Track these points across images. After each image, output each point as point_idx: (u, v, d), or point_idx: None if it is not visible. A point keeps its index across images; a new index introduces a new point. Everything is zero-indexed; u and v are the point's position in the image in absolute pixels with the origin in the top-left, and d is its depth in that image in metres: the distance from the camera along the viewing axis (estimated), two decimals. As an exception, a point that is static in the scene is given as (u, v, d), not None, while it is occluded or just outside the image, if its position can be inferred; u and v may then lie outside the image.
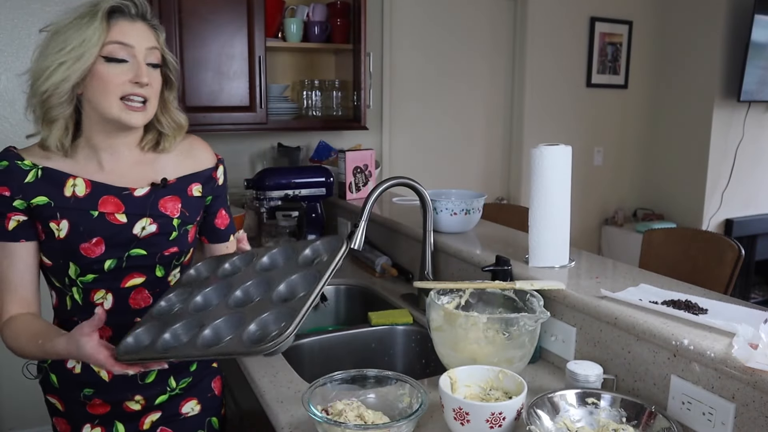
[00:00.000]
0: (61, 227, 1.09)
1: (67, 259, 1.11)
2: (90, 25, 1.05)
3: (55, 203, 1.10)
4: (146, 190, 1.16)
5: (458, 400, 0.99)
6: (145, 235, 1.15)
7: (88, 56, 1.05)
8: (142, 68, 1.08)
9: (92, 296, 1.15)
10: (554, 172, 1.39)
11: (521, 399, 0.99)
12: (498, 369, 1.09)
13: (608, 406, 1.03)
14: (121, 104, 1.08)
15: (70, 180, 1.11)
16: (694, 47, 3.66)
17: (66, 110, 1.08)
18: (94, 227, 1.11)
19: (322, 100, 2.71)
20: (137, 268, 1.16)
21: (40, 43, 1.10)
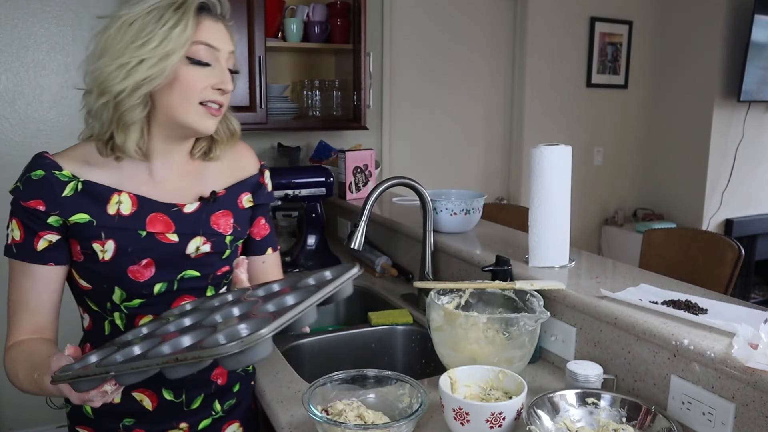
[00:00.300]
0: (106, 248, 0.98)
1: (111, 283, 1.00)
2: (179, 19, 0.93)
3: (97, 222, 0.98)
4: (196, 206, 1.06)
5: (458, 400, 0.99)
6: (198, 255, 1.05)
7: (175, 55, 0.93)
8: (226, 74, 0.99)
9: (137, 322, 1.04)
10: (554, 172, 1.39)
11: (521, 399, 0.99)
12: (498, 369, 1.09)
13: (608, 406, 1.03)
14: (200, 109, 0.98)
15: (114, 196, 0.99)
16: (694, 47, 3.66)
17: (142, 113, 0.96)
18: (143, 248, 1.00)
19: (322, 100, 2.71)
20: (189, 291, 1.07)
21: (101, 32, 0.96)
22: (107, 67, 0.92)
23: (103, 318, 1.05)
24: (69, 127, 2.49)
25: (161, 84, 0.94)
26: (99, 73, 0.93)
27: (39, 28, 2.40)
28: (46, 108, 2.45)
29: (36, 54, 2.41)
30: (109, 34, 0.94)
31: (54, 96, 2.46)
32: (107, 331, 1.05)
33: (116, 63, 0.92)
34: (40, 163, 0.98)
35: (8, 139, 2.41)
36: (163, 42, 0.92)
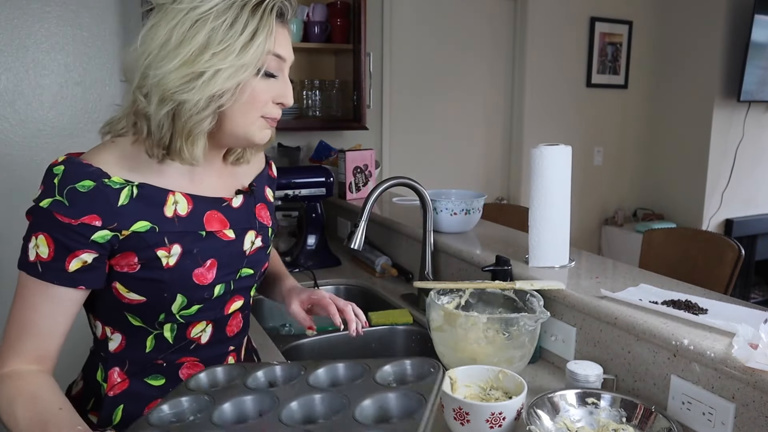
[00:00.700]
0: (172, 253, 0.90)
1: (174, 291, 0.91)
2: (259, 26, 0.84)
3: (160, 227, 0.89)
4: (241, 199, 1.01)
5: (458, 400, 0.99)
6: (253, 251, 1.02)
7: (250, 70, 0.85)
8: (289, 87, 0.92)
9: (189, 331, 0.97)
10: (554, 172, 1.39)
11: (521, 399, 0.99)
12: (498, 369, 1.09)
13: (608, 406, 1.03)
14: (260, 122, 0.91)
15: (170, 197, 0.91)
16: (694, 47, 3.66)
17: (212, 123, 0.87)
18: (206, 248, 0.94)
19: (322, 100, 2.71)
20: (240, 291, 1.02)
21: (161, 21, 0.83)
22: (174, 74, 0.81)
23: (147, 334, 0.95)
24: (69, 127, 2.49)
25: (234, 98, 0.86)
26: (163, 78, 0.81)
27: (39, 28, 2.40)
28: (46, 108, 2.45)
29: (36, 54, 2.41)
30: (170, 29, 0.82)
31: (54, 96, 2.46)
32: (149, 348, 0.96)
33: (187, 71, 0.81)
34: (82, 171, 0.85)
35: (8, 139, 2.41)
36: (243, 51, 0.83)
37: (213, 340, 1.01)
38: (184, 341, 0.98)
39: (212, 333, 1.00)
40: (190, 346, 0.98)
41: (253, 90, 0.87)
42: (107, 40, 2.51)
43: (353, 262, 2.18)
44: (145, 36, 0.84)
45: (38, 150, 2.45)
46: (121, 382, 0.96)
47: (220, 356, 1.03)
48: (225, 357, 1.04)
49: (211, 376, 0.87)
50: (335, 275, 2.05)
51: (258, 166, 1.12)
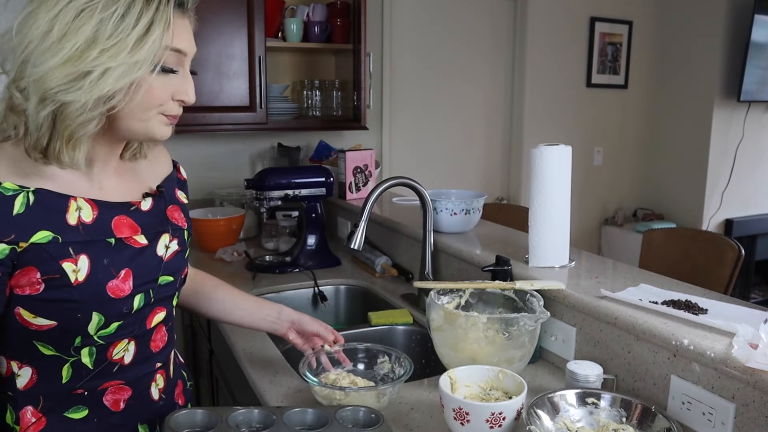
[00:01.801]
0: (79, 266, 0.80)
1: (89, 310, 0.82)
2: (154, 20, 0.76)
3: (63, 238, 0.80)
4: (150, 202, 0.93)
5: (458, 400, 0.99)
6: (170, 256, 0.94)
7: (145, 67, 0.76)
8: (191, 84, 0.85)
9: (111, 352, 0.88)
10: (554, 172, 1.39)
11: (521, 399, 0.99)
12: (498, 369, 1.09)
13: (608, 406, 1.03)
14: (160, 119, 0.84)
15: (71, 203, 0.82)
16: (694, 47, 3.66)
17: (98, 126, 0.78)
18: (118, 258, 0.85)
19: (322, 100, 2.71)
20: (161, 301, 0.94)
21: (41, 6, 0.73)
22: (56, 72, 0.72)
23: (62, 362, 0.85)
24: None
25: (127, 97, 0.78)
26: (44, 76, 0.72)
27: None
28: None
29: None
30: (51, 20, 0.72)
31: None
32: (66, 378, 0.86)
33: (71, 70, 0.72)
34: None
35: (8, 139, 2.41)
36: (136, 47, 0.74)
37: (137, 359, 0.92)
38: (105, 363, 0.88)
39: (136, 351, 0.91)
40: (113, 369, 0.89)
41: (149, 87, 0.79)
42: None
43: (353, 262, 2.18)
44: (22, 23, 0.74)
45: (38, 150, 2.45)
46: (36, 422, 0.85)
47: (147, 376, 0.94)
48: (152, 376, 0.96)
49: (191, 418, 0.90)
50: (335, 275, 2.05)
51: (165, 169, 1.03)
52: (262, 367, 1.33)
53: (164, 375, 0.99)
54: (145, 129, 0.83)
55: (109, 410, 0.90)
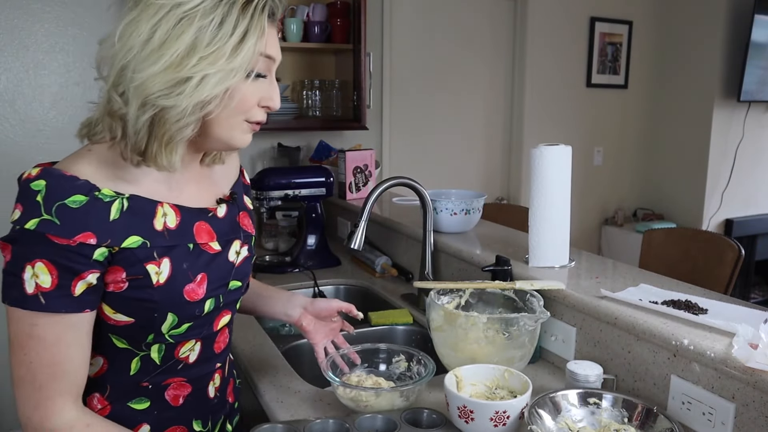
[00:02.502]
0: (161, 269, 0.84)
1: (165, 310, 0.86)
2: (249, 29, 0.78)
3: (151, 243, 0.84)
4: (225, 208, 0.96)
5: (463, 398, 0.99)
6: (240, 261, 0.97)
7: (240, 74, 0.79)
8: (277, 90, 0.86)
9: (178, 351, 0.92)
10: (554, 172, 1.39)
11: (526, 398, 1.00)
12: (504, 368, 1.10)
13: (610, 407, 1.03)
14: (245, 126, 0.86)
15: (159, 209, 0.86)
16: (694, 47, 3.66)
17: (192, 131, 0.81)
18: (195, 263, 0.89)
19: (322, 100, 2.71)
20: (228, 305, 0.97)
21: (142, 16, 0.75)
22: (157, 77, 0.75)
23: (132, 356, 0.90)
24: (69, 127, 2.49)
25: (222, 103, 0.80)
26: (145, 82, 0.75)
27: (39, 28, 2.40)
28: (46, 108, 2.46)
29: (36, 54, 2.41)
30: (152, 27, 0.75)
31: (54, 96, 2.46)
32: (134, 370, 0.90)
33: (172, 76, 0.75)
34: (69, 185, 0.77)
35: (8, 139, 2.41)
36: (233, 55, 0.77)
37: (201, 359, 0.96)
38: (172, 361, 0.92)
39: (200, 351, 0.96)
40: (177, 366, 0.93)
41: (239, 93, 0.82)
42: (107, 40, 2.51)
43: (353, 262, 2.18)
44: (123, 31, 0.76)
45: (38, 150, 2.45)
46: (101, 409, 0.90)
47: (207, 375, 0.99)
48: (212, 375, 1.00)
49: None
50: (335, 275, 2.05)
51: (234, 173, 1.06)
52: (262, 367, 1.33)
53: (221, 374, 1.04)
54: (230, 136, 0.86)
55: (169, 404, 0.95)
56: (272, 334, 1.55)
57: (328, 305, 1.23)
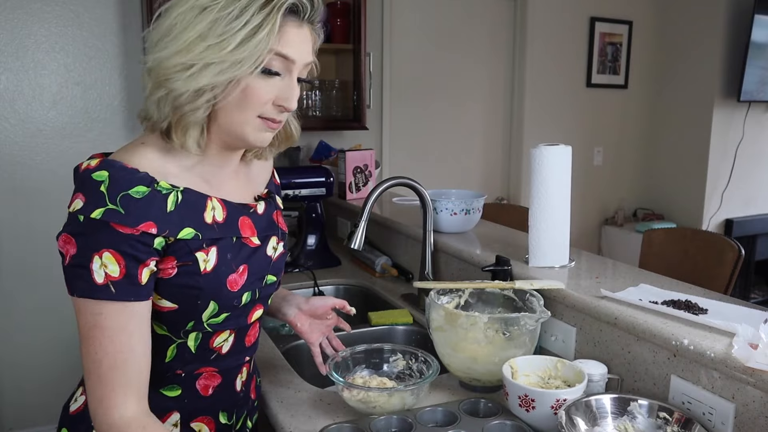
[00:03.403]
0: (209, 257, 0.88)
1: (208, 298, 0.89)
2: (262, 24, 0.79)
3: (202, 235, 0.87)
4: (263, 205, 1.00)
5: (525, 387, 1.03)
6: (276, 257, 1.01)
7: (246, 67, 0.80)
8: (294, 90, 0.87)
9: (213, 341, 0.94)
10: (554, 172, 1.39)
11: (583, 386, 1.03)
12: (556, 359, 1.14)
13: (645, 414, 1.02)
14: (257, 123, 0.87)
15: (208, 203, 0.90)
16: (694, 47, 3.66)
17: (204, 114, 0.84)
18: (238, 254, 0.93)
19: (322, 100, 2.71)
20: (263, 299, 1.01)
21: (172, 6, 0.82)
22: (168, 61, 0.79)
23: (169, 343, 0.91)
24: (69, 127, 2.49)
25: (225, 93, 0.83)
26: (158, 64, 0.80)
27: (39, 28, 2.40)
28: (46, 108, 2.46)
29: (36, 54, 2.41)
30: (179, 15, 0.80)
31: (54, 96, 2.46)
32: (170, 357, 0.92)
33: (179, 60, 0.79)
34: (132, 176, 0.81)
35: (8, 139, 2.41)
36: (240, 47, 0.79)
37: (233, 350, 0.98)
38: (206, 350, 0.94)
39: (234, 343, 0.98)
40: (210, 356, 0.95)
41: (248, 87, 0.83)
42: (107, 40, 2.51)
43: (353, 262, 2.18)
44: (158, 19, 0.82)
45: (38, 150, 2.45)
46: None
47: (237, 367, 1.01)
48: (240, 368, 1.03)
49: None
50: (335, 275, 2.05)
51: (267, 173, 1.11)
52: (262, 367, 1.33)
53: (248, 368, 1.06)
54: (242, 132, 0.87)
55: (199, 393, 0.97)
56: (272, 334, 1.55)
57: (324, 302, 1.24)
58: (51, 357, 2.52)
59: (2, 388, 2.51)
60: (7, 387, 2.51)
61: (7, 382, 2.51)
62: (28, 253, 2.44)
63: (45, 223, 2.41)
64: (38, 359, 2.51)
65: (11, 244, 2.42)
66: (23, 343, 2.49)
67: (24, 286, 2.45)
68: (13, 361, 2.50)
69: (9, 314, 2.47)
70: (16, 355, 2.49)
